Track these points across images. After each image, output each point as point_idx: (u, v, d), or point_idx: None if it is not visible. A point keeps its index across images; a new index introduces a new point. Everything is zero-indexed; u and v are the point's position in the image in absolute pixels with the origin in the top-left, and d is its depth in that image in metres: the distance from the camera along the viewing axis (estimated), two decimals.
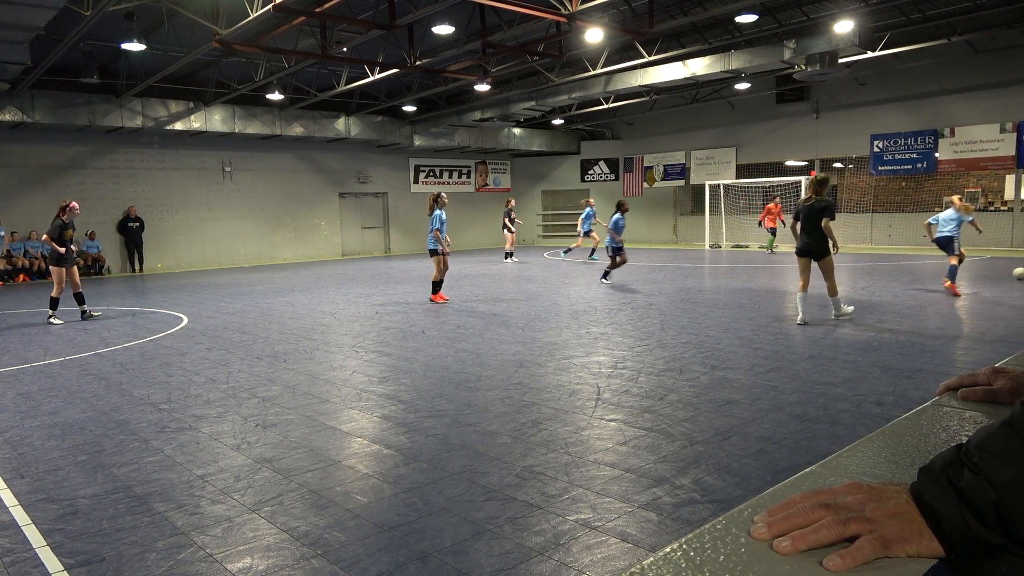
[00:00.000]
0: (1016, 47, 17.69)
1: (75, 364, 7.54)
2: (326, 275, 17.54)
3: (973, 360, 6.58)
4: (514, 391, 5.86)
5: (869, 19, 15.14)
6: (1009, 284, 11.86)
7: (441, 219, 11.40)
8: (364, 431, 4.96)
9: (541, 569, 2.95)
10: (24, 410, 5.75)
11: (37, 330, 9.97)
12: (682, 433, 4.65)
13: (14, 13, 10.85)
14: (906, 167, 20.57)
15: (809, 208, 8.53)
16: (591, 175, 28.64)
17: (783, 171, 23.13)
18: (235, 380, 6.58)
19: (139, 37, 13.26)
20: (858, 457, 0.87)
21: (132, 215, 20.16)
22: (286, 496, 3.80)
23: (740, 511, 0.74)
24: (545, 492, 3.73)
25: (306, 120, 21.83)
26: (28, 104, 17.20)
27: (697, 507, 3.51)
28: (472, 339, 8.27)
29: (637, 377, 6.23)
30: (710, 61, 16.87)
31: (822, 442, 4.39)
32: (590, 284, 13.88)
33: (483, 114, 21.83)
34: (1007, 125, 18.59)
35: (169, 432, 5.03)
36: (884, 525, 0.68)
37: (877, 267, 15.12)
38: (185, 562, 3.09)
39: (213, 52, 15.12)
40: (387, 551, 3.14)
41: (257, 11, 11.39)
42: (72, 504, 3.78)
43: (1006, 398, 1.01)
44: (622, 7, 14.80)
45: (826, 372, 6.17)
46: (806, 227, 8.56)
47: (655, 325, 8.85)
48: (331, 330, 9.28)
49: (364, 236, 25.85)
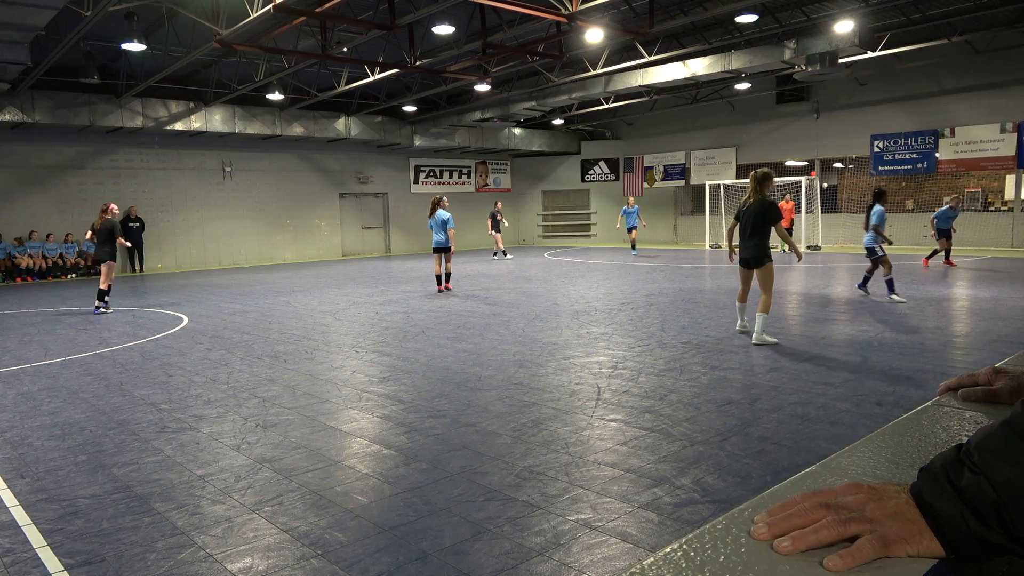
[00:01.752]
0: (1016, 47, 17.69)
1: (75, 364, 7.54)
2: (326, 275, 17.54)
3: (973, 360, 6.58)
4: (514, 391, 5.86)
5: (869, 19, 15.14)
6: (1010, 284, 11.86)
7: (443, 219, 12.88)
8: (364, 431, 4.96)
9: (541, 569, 2.95)
10: (24, 410, 5.75)
11: (37, 330, 9.97)
12: (682, 433, 4.65)
13: (14, 13, 10.86)
14: (906, 167, 20.57)
15: (749, 211, 7.48)
16: (591, 175, 28.64)
17: (784, 171, 23.12)
18: (235, 380, 6.58)
19: (139, 37, 13.27)
20: (858, 457, 0.87)
21: (132, 215, 20.16)
22: (286, 496, 3.80)
23: (740, 511, 0.74)
24: (545, 492, 3.73)
25: (306, 120, 21.84)
26: (28, 104, 17.21)
27: (697, 507, 3.51)
28: (472, 339, 8.27)
29: (637, 377, 6.23)
30: (710, 61, 16.88)
31: (822, 442, 4.39)
32: (591, 284, 13.88)
33: (483, 114, 21.83)
34: (1007, 125, 18.59)
35: (169, 432, 5.03)
36: (884, 525, 0.68)
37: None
38: (185, 562, 3.09)
39: (213, 52, 15.12)
40: (387, 551, 3.14)
41: (257, 11, 11.40)
42: (72, 504, 3.78)
43: (1006, 398, 1.01)
44: (622, 7, 14.80)
45: (826, 372, 6.17)
46: (749, 231, 7.48)
47: (655, 325, 8.85)
48: (331, 330, 9.28)
49: (364, 236, 25.85)
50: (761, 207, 7.36)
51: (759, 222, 7.39)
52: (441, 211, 12.95)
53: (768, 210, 7.33)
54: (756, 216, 7.38)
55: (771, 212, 7.35)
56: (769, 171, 7.62)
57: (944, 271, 14.39)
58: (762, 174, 7.49)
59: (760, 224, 7.39)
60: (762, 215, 7.35)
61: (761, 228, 7.40)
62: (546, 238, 29.57)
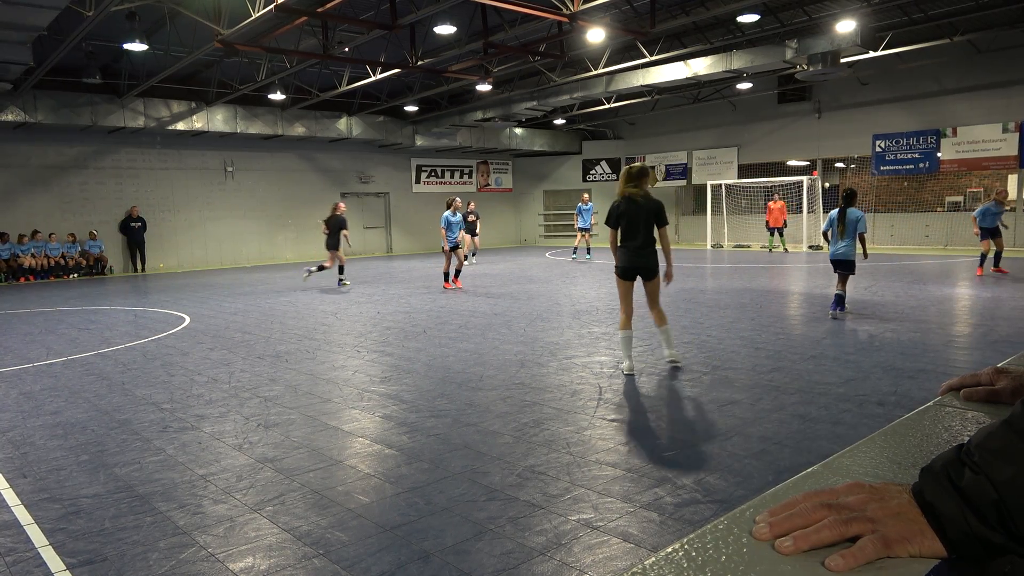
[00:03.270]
0: (1018, 47, 17.66)
1: (77, 364, 7.55)
2: (328, 275, 17.55)
3: (975, 360, 6.57)
4: (516, 391, 5.87)
5: (871, 19, 15.12)
6: (1011, 284, 11.85)
7: (448, 220, 13.56)
8: (366, 431, 4.96)
9: (543, 569, 2.95)
10: (26, 410, 5.76)
11: (39, 330, 9.99)
12: (684, 433, 4.65)
13: (16, 13, 10.87)
14: (908, 167, 20.55)
15: (638, 209, 6.27)
16: (593, 175, 28.65)
17: (785, 171, 23.12)
18: (237, 380, 6.58)
19: (141, 37, 13.28)
20: (860, 457, 0.87)
21: (134, 215, 20.18)
22: (288, 496, 3.81)
23: (742, 511, 0.74)
24: (547, 492, 3.73)
25: (308, 120, 21.85)
26: (31, 104, 17.23)
27: (699, 507, 3.51)
28: (474, 339, 8.28)
29: (639, 377, 6.23)
30: (712, 61, 16.86)
31: (824, 442, 4.39)
32: (592, 284, 13.87)
33: (485, 114, 21.83)
34: (1009, 125, 18.57)
35: (171, 432, 5.04)
36: (886, 525, 0.68)
37: (879, 267, 15.08)
38: (187, 562, 3.09)
39: (215, 52, 15.13)
40: (389, 551, 3.14)
41: (259, 11, 11.40)
42: (74, 504, 3.78)
43: (1008, 398, 1.01)
44: (624, 7, 14.80)
45: (828, 372, 6.16)
46: (643, 236, 6.28)
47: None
48: (333, 330, 9.28)
49: (366, 236, 25.85)
50: (656, 206, 6.30)
51: (650, 224, 6.30)
52: (447, 212, 13.92)
53: (662, 210, 6.34)
54: (651, 217, 6.27)
55: (664, 213, 6.36)
56: (645, 165, 6.58)
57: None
58: (638, 169, 6.39)
59: (651, 226, 6.30)
60: (658, 215, 6.28)
61: (652, 232, 6.32)
62: (548, 238, 29.56)
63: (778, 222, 20.31)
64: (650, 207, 6.28)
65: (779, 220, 20.30)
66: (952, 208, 20.67)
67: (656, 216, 6.28)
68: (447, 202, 14.36)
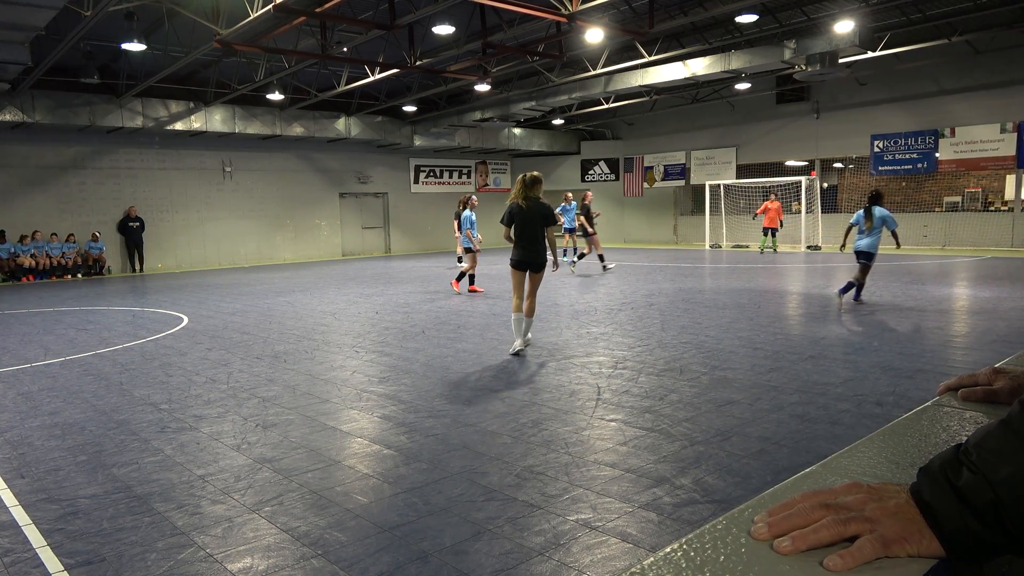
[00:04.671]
0: (1016, 47, 17.69)
1: (75, 364, 7.54)
2: (326, 275, 17.54)
3: (973, 360, 6.58)
4: (514, 391, 5.87)
5: (869, 19, 15.14)
6: (1009, 284, 11.86)
7: (471, 220, 13.01)
8: (364, 431, 4.96)
9: (541, 569, 2.95)
10: (24, 410, 5.75)
11: (37, 330, 9.98)
12: (682, 433, 4.65)
13: (14, 13, 10.86)
14: (906, 167, 20.57)
15: (531, 213, 7.28)
16: (591, 175, 28.65)
17: (783, 171, 23.13)
18: (235, 380, 6.58)
19: (139, 37, 13.28)
20: (858, 457, 0.87)
21: (132, 215, 20.17)
22: (286, 496, 3.80)
23: (740, 511, 0.74)
24: (545, 492, 3.73)
25: (306, 120, 21.84)
26: (28, 104, 17.21)
27: (697, 507, 3.51)
28: (472, 339, 8.27)
29: (637, 377, 6.23)
30: (710, 61, 16.88)
31: (822, 442, 4.39)
32: (591, 284, 13.87)
33: (483, 114, 21.84)
34: (1007, 125, 18.60)
35: (169, 432, 5.03)
36: (884, 525, 0.68)
37: (877, 267, 15.08)
38: (185, 562, 3.09)
39: (213, 52, 15.12)
40: (387, 551, 3.14)
41: (257, 11, 11.40)
42: (72, 504, 3.78)
43: (1006, 398, 1.01)
44: (622, 7, 14.81)
45: (826, 372, 6.17)
46: (539, 234, 7.34)
47: (655, 325, 8.85)
48: (331, 330, 9.28)
49: (364, 236, 25.85)
50: (546, 210, 7.30)
51: (543, 227, 7.33)
52: (467, 212, 13.25)
53: (551, 213, 7.34)
54: (540, 219, 7.29)
55: (552, 216, 7.37)
56: (539, 174, 7.53)
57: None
58: (531, 178, 7.37)
59: (542, 228, 7.32)
60: (546, 218, 7.30)
61: (542, 232, 7.34)
62: None
63: (773, 222, 20.29)
64: (540, 211, 7.29)
65: (774, 220, 20.28)
66: (950, 208, 20.69)
67: (544, 219, 7.32)
68: (463, 200, 13.51)
